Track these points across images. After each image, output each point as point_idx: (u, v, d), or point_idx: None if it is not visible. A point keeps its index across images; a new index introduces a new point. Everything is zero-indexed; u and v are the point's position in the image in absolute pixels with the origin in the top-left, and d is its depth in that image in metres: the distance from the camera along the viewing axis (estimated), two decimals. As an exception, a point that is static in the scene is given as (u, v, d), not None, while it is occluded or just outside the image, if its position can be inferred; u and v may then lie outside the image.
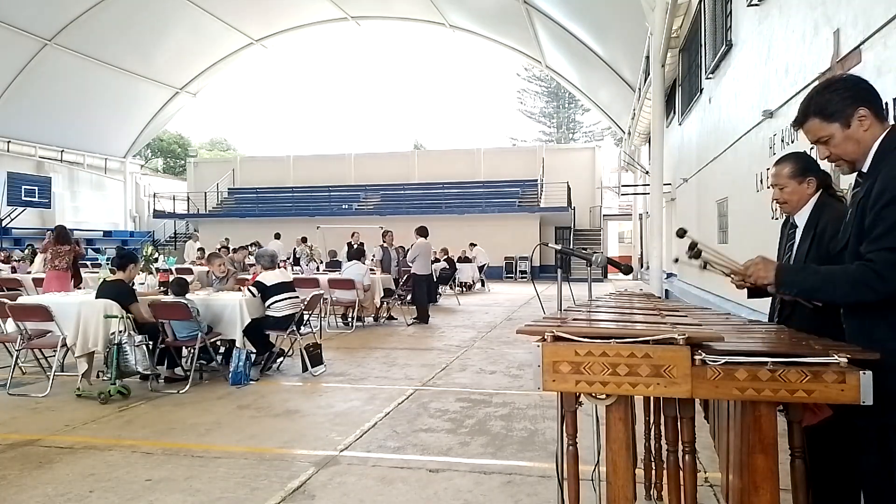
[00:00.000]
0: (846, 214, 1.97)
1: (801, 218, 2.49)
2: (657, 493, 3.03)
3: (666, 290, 12.47)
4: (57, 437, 4.36)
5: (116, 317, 5.57)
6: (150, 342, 5.64)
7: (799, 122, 1.96)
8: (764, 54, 6.97)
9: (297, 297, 6.64)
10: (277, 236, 18.75)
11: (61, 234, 9.53)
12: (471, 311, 12.71)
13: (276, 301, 6.38)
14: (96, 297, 5.82)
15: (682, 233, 2.71)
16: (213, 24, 23.38)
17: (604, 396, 1.75)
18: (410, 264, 11.15)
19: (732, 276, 2.35)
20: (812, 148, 2.01)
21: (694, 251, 2.43)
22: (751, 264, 2.06)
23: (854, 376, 1.56)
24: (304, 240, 18.23)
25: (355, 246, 13.20)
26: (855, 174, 1.94)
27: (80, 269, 9.82)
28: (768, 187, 2.61)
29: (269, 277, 6.47)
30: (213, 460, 3.88)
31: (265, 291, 6.37)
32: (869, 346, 1.71)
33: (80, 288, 8.88)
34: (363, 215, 24.59)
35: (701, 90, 11.25)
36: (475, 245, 19.94)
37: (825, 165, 2.29)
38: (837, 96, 1.86)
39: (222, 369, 6.36)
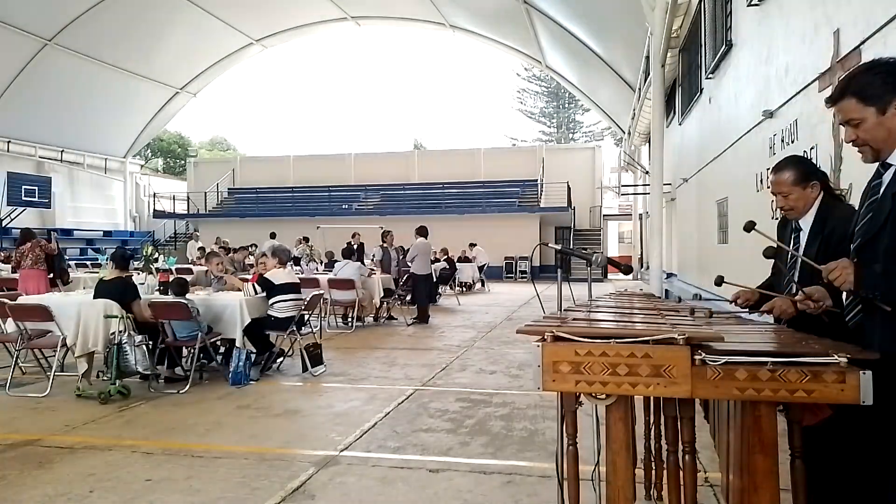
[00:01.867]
0: (862, 207, 1.91)
1: (806, 221, 2.46)
2: (657, 493, 3.03)
3: (666, 290, 12.47)
4: (57, 437, 4.36)
5: (116, 317, 5.57)
6: (150, 342, 5.64)
7: (834, 100, 1.87)
8: (764, 54, 6.97)
9: (302, 298, 6.64)
10: (273, 235, 18.74)
11: (21, 235, 10.21)
12: (471, 311, 12.71)
13: (281, 301, 6.38)
14: (94, 297, 5.82)
15: (749, 227, 2.62)
16: (213, 24, 23.37)
17: (604, 396, 1.75)
18: (409, 264, 11.15)
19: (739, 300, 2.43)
20: (807, 150, 2.00)
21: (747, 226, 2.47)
22: (836, 266, 1.80)
23: (854, 376, 1.56)
24: (305, 239, 18.24)
25: (355, 246, 13.19)
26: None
27: (64, 266, 10.10)
28: (768, 187, 2.58)
29: (278, 276, 6.45)
30: (213, 460, 3.88)
31: (271, 290, 6.37)
32: None
33: (56, 286, 9.34)
34: (363, 215, 24.57)
35: (701, 90, 11.25)
36: (475, 245, 19.93)
37: (824, 160, 2.28)
38: (879, 80, 1.80)
39: (222, 369, 6.36)
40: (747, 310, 2.56)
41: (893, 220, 1.75)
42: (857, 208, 1.97)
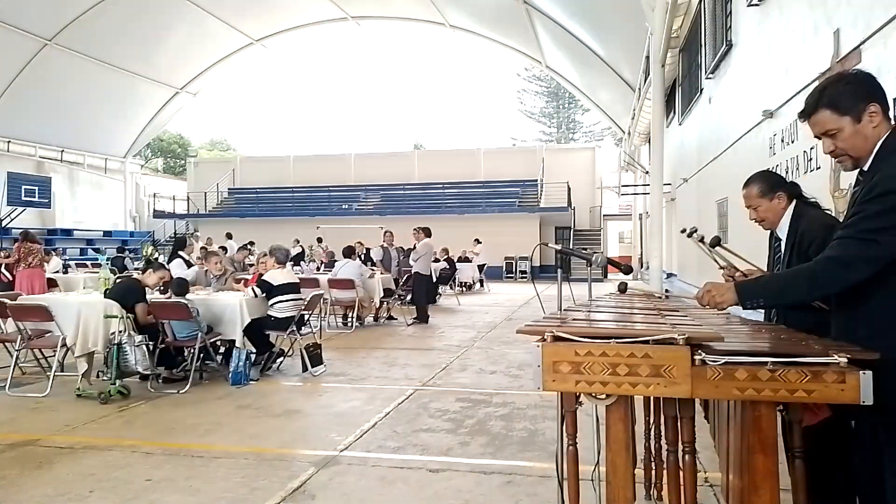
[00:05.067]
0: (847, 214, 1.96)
1: (783, 230, 2.58)
2: (657, 493, 3.03)
3: (666, 290, 12.46)
4: (57, 437, 4.36)
5: (116, 317, 5.57)
6: (151, 342, 5.64)
7: (808, 114, 1.91)
8: (764, 54, 6.97)
9: (302, 298, 6.64)
10: (229, 236, 18.88)
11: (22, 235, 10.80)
12: (471, 311, 12.71)
13: (281, 302, 6.38)
14: (106, 296, 5.83)
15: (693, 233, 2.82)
16: (213, 24, 23.36)
17: (604, 396, 1.75)
18: (413, 263, 11.14)
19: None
20: (807, 150, 2.02)
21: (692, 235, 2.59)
22: (703, 294, 1.99)
23: (854, 376, 1.56)
24: (319, 240, 18.35)
25: (362, 256, 12.98)
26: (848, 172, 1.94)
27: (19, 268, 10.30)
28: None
29: (277, 277, 6.45)
30: (213, 460, 3.88)
31: (271, 291, 6.37)
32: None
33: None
34: (363, 215, 24.57)
35: (701, 90, 11.25)
36: (479, 242, 19.91)
37: (823, 160, 2.30)
38: (850, 89, 1.83)
39: (222, 369, 6.36)
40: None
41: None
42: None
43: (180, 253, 8.80)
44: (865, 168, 1.84)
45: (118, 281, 6.12)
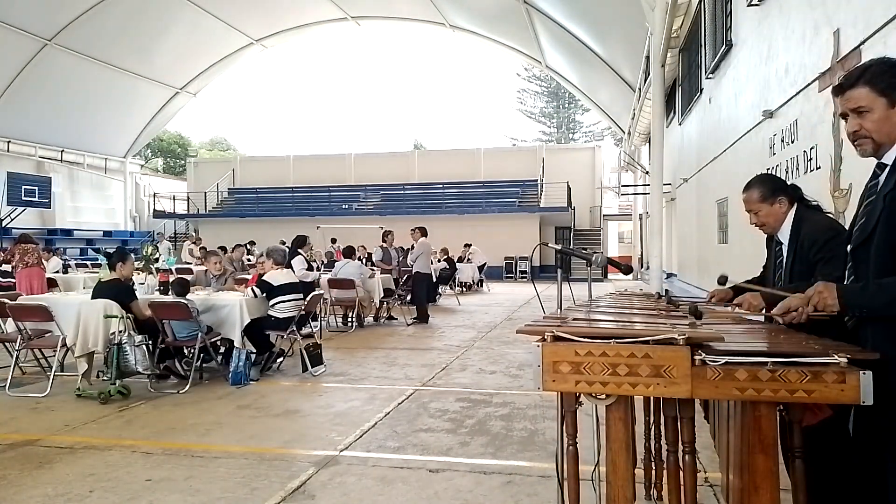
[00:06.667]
0: (860, 208, 1.91)
1: (785, 235, 2.55)
2: (657, 493, 3.03)
3: (666, 290, 12.46)
4: (57, 437, 4.36)
5: (116, 317, 5.57)
6: (150, 342, 5.64)
7: (846, 87, 1.86)
8: (764, 54, 6.98)
9: (302, 298, 6.64)
10: (168, 237, 19.13)
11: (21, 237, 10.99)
12: (471, 311, 12.71)
13: (281, 302, 6.38)
14: (92, 298, 5.82)
15: (723, 280, 2.78)
16: (213, 24, 23.38)
17: (604, 396, 1.75)
18: (411, 264, 11.14)
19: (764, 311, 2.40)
20: (807, 150, 2.00)
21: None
22: (814, 293, 1.85)
23: (854, 376, 1.56)
24: (332, 240, 18.37)
25: (390, 248, 12.74)
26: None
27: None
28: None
29: (277, 277, 6.45)
30: (213, 460, 3.88)
31: (271, 291, 6.37)
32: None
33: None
34: (363, 215, 24.57)
35: (701, 90, 11.25)
36: (470, 245, 19.83)
37: (823, 160, 2.29)
38: (891, 73, 1.81)
39: (222, 369, 6.36)
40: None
41: (884, 221, 1.75)
42: (856, 209, 1.97)
43: (300, 251, 8.79)
44: (888, 161, 1.81)
45: (102, 285, 6.04)
